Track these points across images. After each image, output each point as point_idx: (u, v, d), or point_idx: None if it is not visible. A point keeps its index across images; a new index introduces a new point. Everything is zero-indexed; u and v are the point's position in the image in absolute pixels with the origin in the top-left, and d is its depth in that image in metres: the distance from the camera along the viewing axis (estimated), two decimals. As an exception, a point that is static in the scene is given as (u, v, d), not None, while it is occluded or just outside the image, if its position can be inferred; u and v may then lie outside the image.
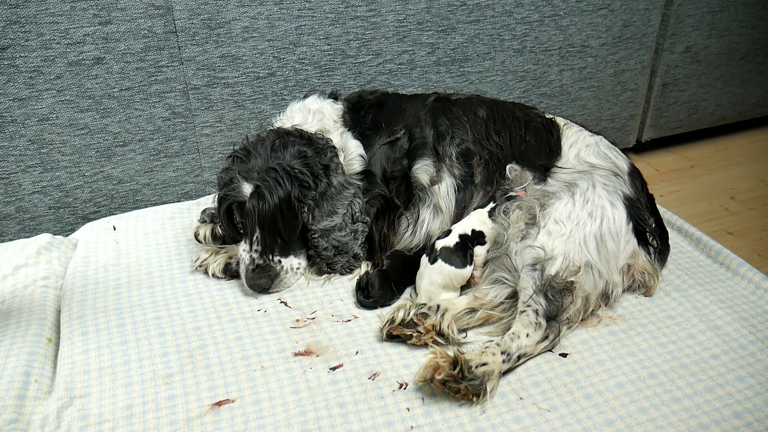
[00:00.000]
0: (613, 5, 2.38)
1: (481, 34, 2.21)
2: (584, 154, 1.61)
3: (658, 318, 1.45)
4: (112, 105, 1.85)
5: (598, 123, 2.62)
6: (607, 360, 1.32)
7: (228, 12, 1.85)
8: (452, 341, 1.36)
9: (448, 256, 1.45)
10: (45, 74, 1.74)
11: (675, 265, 1.63)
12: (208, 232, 1.70)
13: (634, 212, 1.49)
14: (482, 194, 1.60)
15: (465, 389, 1.20)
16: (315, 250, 1.55)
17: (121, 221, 1.81)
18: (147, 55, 1.82)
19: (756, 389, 1.25)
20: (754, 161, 2.81)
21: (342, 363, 1.31)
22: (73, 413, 1.18)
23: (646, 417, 1.19)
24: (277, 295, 1.52)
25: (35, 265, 1.61)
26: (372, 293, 1.48)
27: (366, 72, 2.11)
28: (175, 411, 1.20)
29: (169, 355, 1.33)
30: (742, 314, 1.45)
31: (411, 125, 1.64)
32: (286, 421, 1.17)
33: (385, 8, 2.03)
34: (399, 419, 1.18)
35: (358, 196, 1.58)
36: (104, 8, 1.72)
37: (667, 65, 2.64)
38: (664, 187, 2.60)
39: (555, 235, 1.41)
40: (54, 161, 1.86)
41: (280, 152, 1.49)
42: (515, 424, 1.17)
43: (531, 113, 1.70)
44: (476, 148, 1.61)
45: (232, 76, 1.95)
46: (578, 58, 2.43)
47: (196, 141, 2.00)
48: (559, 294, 1.35)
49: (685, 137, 2.94)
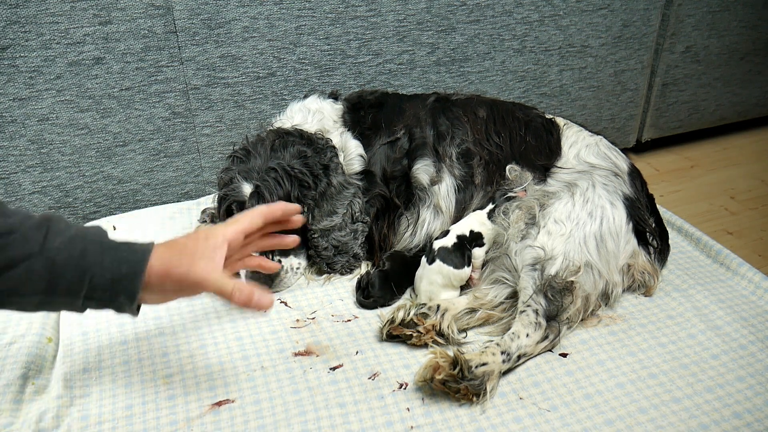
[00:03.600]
0: (613, 5, 2.38)
1: (481, 34, 2.21)
2: (584, 154, 1.61)
3: (658, 318, 1.45)
4: (112, 105, 1.85)
5: (598, 123, 2.62)
6: (607, 360, 1.32)
7: (228, 12, 1.85)
8: (452, 341, 1.36)
9: (445, 256, 1.45)
10: (45, 74, 1.74)
11: (675, 265, 1.63)
12: (208, 232, 1.70)
13: (634, 212, 1.49)
14: (482, 194, 1.60)
15: (465, 389, 1.20)
16: (315, 250, 1.55)
17: (121, 221, 1.81)
18: (147, 55, 1.82)
19: (756, 389, 1.25)
20: (754, 161, 2.81)
21: (342, 363, 1.31)
22: (73, 413, 1.19)
23: (646, 417, 1.19)
24: (277, 295, 1.52)
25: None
26: (372, 293, 1.48)
27: (366, 72, 2.11)
28: (175, 411, 1.20)
29: (169, 355, 1.33)
30: (742, 314, 1.45)
31: (411, 125, 1.64)
32: (286, 421, 1.17)
33: (385, 8, 2.03)
34: (399, 419, 1.18)
35: (358, 196, 1.58)
36: (104, 8, 1.72)
37: (667, 65, 2.64)
38: (664, 187, 2.60)
39: (555, 235, 1.41)
40: (54, 161, 1.86)
41: (280, 152, 1.49)
42: (515, 424, 1.17)
43: (531, 113, 1.70)
44: (476, 148, 1.61)
45: (232, 76, 1.95)
46: (578, 58, 2.43)
47: (196, 141, 2.00)
48: (559, 294, 1.35)
49: (685, 137, 2.94)
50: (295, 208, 1.29)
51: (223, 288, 1.07)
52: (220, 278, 1.07)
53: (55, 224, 1.01)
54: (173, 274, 1.04)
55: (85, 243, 1.01)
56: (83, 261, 0.99)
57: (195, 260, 1.06)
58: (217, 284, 1.07)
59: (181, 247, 1.07)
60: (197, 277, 1.05)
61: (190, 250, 1.07)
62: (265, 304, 1.10)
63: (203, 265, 1.06)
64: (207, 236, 1.11)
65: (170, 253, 1.05)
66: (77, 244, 1.00)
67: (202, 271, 1.05)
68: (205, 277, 1.05)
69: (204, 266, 1.06)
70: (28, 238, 0.97)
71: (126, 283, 1.02)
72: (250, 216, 1.19)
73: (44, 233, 0.99)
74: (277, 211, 1.25)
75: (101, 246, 1.02)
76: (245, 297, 1.07)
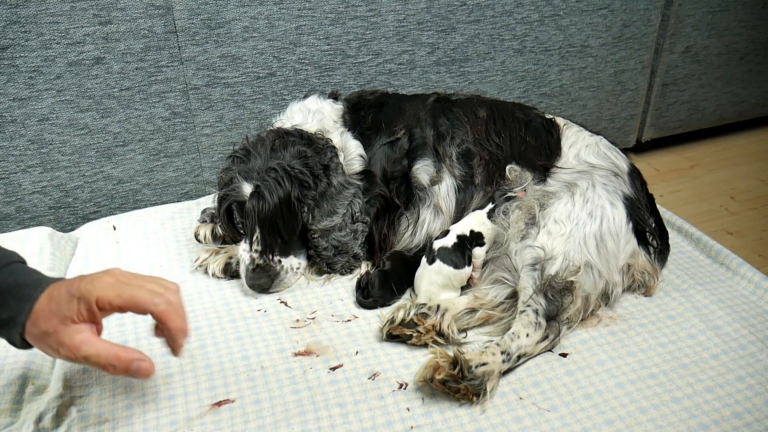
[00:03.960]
0: (613, 5, 2.38)
1: (481, 34, 2.21)
2: (584, 154, 1.61)
3: (658, 318, 1.45)
4: (112, 105, 1.85)
5: (598, 123, 2.62)
6: (607, 360, 1.32)
7: (228, 12, 1.85)
8: (452, 341, 1.36)
9: (445, 256, 1.45)
10: (45, 74, 1.74)
11: (675, 265, 1.63)
12: (208, 232, 1.70)
13: (634, 212, 1.49)
14: (482, 194, 1.60)
15: (465, 389, 1.20)
16: (315, 250, 1.55)
17: (121, 221, 1.81)
18: (147, 55, 1.82)
19: (756, 389, 1.25)
20: (754, 161, 2.81)
21: (342, 363, 1.31)
22: (73, 413, 1.18)
23: (646, 417, 1.19)
24: (277, 295, 1.52)
25: (39, 264, 1.60)
26: (372, 293, 1.48)
27: (366, 72, 2.11)
28: (175, 411, 1.20)
29: (169, 355, 1.33)
30: (742, 314, 1.45)
31: (411, 125, 1.64)
32: (286, 421, 1.17)
33: (385, 8, 2.03)
34: (399, 419, 1.18)
35: (358, 196, 1.58)
36: (104, 8, 1.72)
37: (667, 65, 2.64)
38: (664, 187, 2.60)
39: (555, 235, 1.41)
40: (54, 161, 1.86)
41: (280, 152, 1.49)
42: (515, 424, 1.17)
43: (531, 113, 1.70)
44: (476, 148, 1.61)
45: (232, 76, 1.95)
46: (578, 58, 2.43)
47: (196, 141, 2.00)
48: (559, 294, 1.35)
49: (685, 137, 2.94)
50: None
51: (95, 363, 1.01)
52: (91, 354, 1.00)
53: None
54: (43, 342, 1.00)
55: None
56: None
57: (60, 328, 0.99)
58: (87, 361, 1.00)
59: (55, 305, 0.99)
60: (63, 353, 1.00)
61: (61, 311, 0.99)
62: (144, 374, 1.03)
63: (66, 337, 0.99)
64: (81, 295, 0.99)
65: (43, 310, 0.99)
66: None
67: (65, 346, 0.99)
68: (71, 355, 1.00)
69: (67, 339, 0.99)
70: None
71: (7, 330, 1.00)
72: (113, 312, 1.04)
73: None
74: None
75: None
76: (121, 369, 1.01)
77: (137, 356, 1.02)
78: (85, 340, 0.99)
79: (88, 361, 1.00)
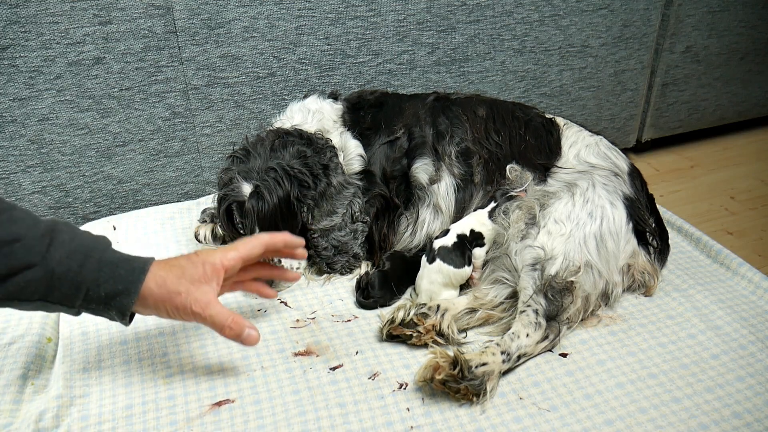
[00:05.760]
0: (613, 5, 2.38)
1: (481, 34, 2.21)
2: (584, 154, 1.61)
3: (658, 318, 1.45)
4: (112, 105, 1.85)
5: (598, 123, 2.62)
6: (607, 360, 1.32)
7: (228, 12, 1.85)
8: (452, 341, 1.36)
9: (446, 255, 1.45)
10: (45, 74, 1.74)
11: (675, 265, 1.63)
12: (208, 232, 1.70)
13: (634, 212, 1.49)
14: (482, 194, 1.60)
15: (465, 389, 1.20)
16: (315, 249, 1.55)
17: (121, 221, 1.81)
18: (147, 55, 1.82)
19: (756, 389, 1.25)
20: (754, 161, 2.81)
21: (342, 363, 1.31)
22: (73, 413, 1.18)
23: (646, 417, 1.19)
24: (277, 295, 1.52)
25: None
26: (372, 293, 1.48)
27: (366, 72, 2.11)
28: (175, 411, 1.20)
29: (169, 355, 1.33)
30: (742, 314, 1.45)
31: (410, 125, 1.64)
32: (286, 421, 1.17)
33: (385, 8, 2.03)
34: (399, 419, 1.18)
35: (357, 196, 1.58)
36: (104, 8, 1.72)
37: (667, 65, 2.64)
38: (664, 187, 2.60)
39: (555, 235, 1.41)
40: (54, 161, 1.86)
41: (279, 152, 1.49)
42: (515, 424, 1.17)
43: (531, 113, 1.70)
44: (476, 147, 1.61)
45: (232, 76, 1.95)
46: (578, 58, 2.43)
47: (196, 141, 2.00)
48: (559, 294, 1.35)
49: (685, 137, 2.94)
50: (298, 241, 1.33)
51: (216, 323, 1.14)
52: (215, 313, 1.14)
53: (59, 234, 1.05)
54: (171, 301, 1.11)
55: (85, 257, 1.06)
56: (80, 275, 1.05)
57: (192, 288, 1.12)
58: (212, 319, 1.14)
59: (180, 271, 1.13)
60: (194, 309, 1.12)
61: (189, 275, 1.13)
62: (251, 342, 1.18)
63: (199, 295, 1.12)
64: (205, 261, 1.16)
65: (168, 275, 1.11)
66: (77, 258, 1.05)
67: (198, 302, 1.12)
68: (200, 311, 1.13)
69: (200, 297, 1.12)
70: (31, 247, 1.01)
71: (120, 299, 1.08)
72: (250, 244, 1.23)
73: (48, 243, 1.03)
74: (279, 242, 1.29)
75: (100, 262, 1.07)
76: (235, 333, 1.16)
77: (249, 324, 1.17)
78: (212, 300, 1.14)
79: (212, 320, 1.14)
